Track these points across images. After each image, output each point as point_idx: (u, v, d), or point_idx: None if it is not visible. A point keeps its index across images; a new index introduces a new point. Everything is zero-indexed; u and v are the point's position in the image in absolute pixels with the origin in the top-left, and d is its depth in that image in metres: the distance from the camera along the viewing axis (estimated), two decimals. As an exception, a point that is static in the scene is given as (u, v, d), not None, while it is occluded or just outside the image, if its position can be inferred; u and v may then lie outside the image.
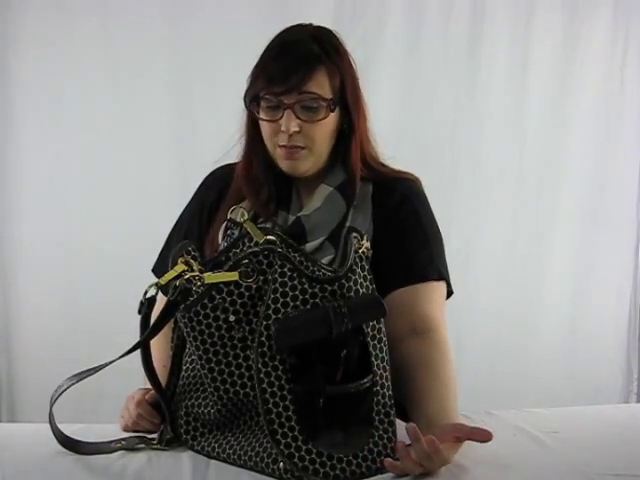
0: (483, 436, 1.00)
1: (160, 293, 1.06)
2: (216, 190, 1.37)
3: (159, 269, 1.38)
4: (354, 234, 1.09)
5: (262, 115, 1.25)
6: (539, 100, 2.49)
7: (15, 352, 2.33)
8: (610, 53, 2.51)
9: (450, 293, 1.32)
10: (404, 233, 1.28)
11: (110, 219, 2.30)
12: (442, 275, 1.28)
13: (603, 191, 2.55)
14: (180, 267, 1.03)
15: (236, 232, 1.20)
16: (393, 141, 2.32)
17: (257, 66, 1.26)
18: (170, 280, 1.03)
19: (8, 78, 2.27)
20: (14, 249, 2.31)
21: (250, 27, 2.17)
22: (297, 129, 1.22)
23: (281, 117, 1.22)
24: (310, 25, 1.30)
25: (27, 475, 1.01)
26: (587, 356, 2.54)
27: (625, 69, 2.52)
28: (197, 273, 1.02)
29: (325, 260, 1.18)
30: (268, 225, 1.25)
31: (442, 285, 1.28)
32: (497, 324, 2.46)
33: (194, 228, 1.37)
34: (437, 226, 1.34)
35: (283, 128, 1.22)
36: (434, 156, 2.41)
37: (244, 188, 1.31)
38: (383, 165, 1.36)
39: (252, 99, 1.25)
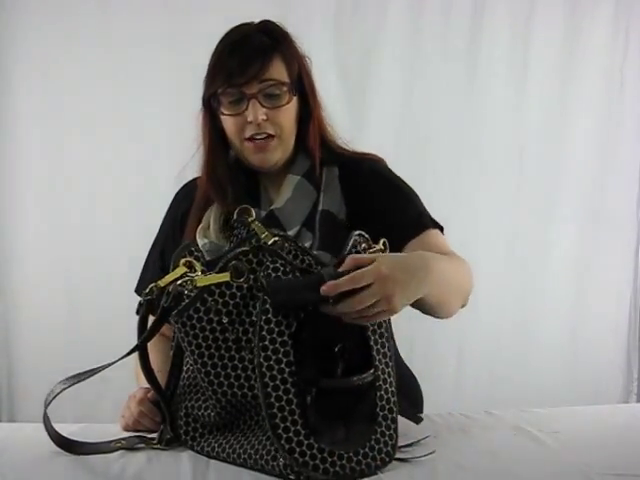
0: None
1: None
2: (187, 203, 1.39)
3: (141, 290, 1.37)
4: (357, 232, 1.06)
5: (224, 111, 1.27)
6: (539, 100, 2.49)
7: (15, 352, 2.33)
8: (611, 50, 2.51)
9: None
10: (383, 200, 1.30)
11: (110, 221, 2.30)
12: (437, 223, 1.31)
13: (603, 191, 2.55)
14: (181, 269, 1.02)
15: (244, 232, 1.19)
16: (393, 141, 2.33)
17: (213, 66, 1.28)
18: (168, 283, 1.02)
19: (8, 78, 2.27)
20: (14, 250, 2.31)
21: (250, 27, 2.17)
22: (264, 117, 1.24)
23: (245, 109, 1.24)
24: (253, 22, 1.34)
25: (27, 475, 1.00)
26: (587, 356, 2.54)
27: (626, 66, 2.52)
28: (198, 273, 1.01)
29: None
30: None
31: (438, 232, 1.31)
32: (497, 326, 2.46)
33: (170, 244, 1.37)
34: (413, 189, 1.35)
35: (250, 118, 1.24)
36: (434, 156, 2.41)
37: (210, 192, 1.32)
38: (345, 149, 1.38)
39: (212, 96, 1.27)
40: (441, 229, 1.32)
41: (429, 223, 1.30)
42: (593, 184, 2.54)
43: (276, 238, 1.03)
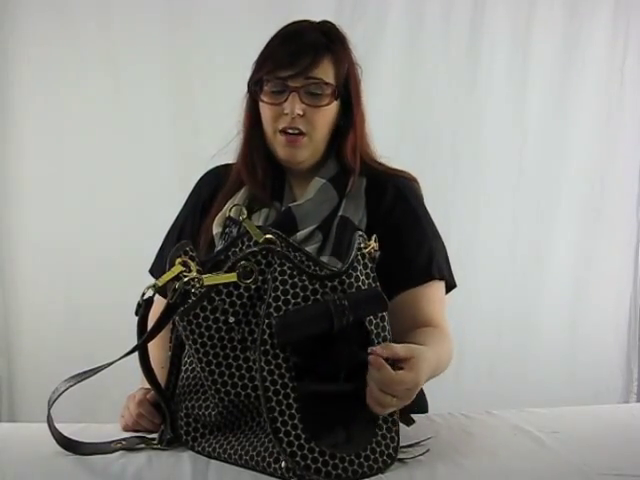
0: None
1: (157, 294, 1.06)
2: (211, 187, 1.40)
3: (156, 270, 1.39)
4: (359, 233, 1.10)
5: (264, 98, 1.27)
6: (539, 100, 2.49)
7: (15, 352, 2.33)
8: (611, 52, 2.51)
9: (453, 286, 1.33)
10: (401, 233, 1.29)
11: (110, 219, 2.30)
12: (443, 274, 1.29)
13: (603, 191, 2.55)
14: (177, 268, 1.02)
15: (234, 230, 1.19)
16: (393, 140, 2.33)
17: (263, 52, 1.29)
18: (168, 281, 1.03)
19: (8, 78, 2.26)
20: (14, 249, 2.31)
21: (250, 27, 2.17)
22: (301, 112, 1.25)
23: (285, 100, 1.25)
24: (312, 21, 1.33)
25: (27, 475, 1.00)
26: (587, 357, 2.54)
27: (625, 68, 2.52)
28: (195, 274, 1.02)
29: (312, 247, 1.20)
30: (262, 214, 1.28)
31: (442, 284, 1.30)
32: (497, 325, 2.46)
33: (188, 227, 1.39)
34: (433, 223, 1.35)
35: (287, 111, 1.24)
36: (434, 155, 2.41)
37: (242, 172, 1.33)
38: (379, 163, 1.37)
39: (256, 82, 1.27)
40: (446, 281, 1.31)
41: (434, 275, 1.28)
42: (593, 184, 2.54)
43: (267, 236, 1.03)
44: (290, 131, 1.27)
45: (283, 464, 0.96)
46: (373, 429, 1.01)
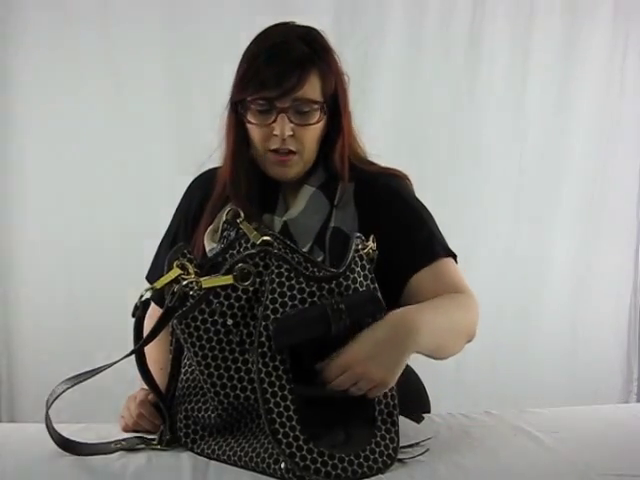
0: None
1: (154, 303, 1.06)
2: (201, 194, 1.37)
3: (153, 277, 1.37)
4: (356, 234, 1.10)
5: (251, 119, 1.24)
6: (539, 100, 2.49)
7: (15, 352, 2.33)
8: (610, 53, 2.51)
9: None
10: (398, 223, 1.27)
11: (110, 218, 2.30)
12: (449, 251, 1.28)
13: (603, 191, 2.55)
14: (175, 271, 1.02)
15: (232, 233, 1.19)
16: (393, 140, 2.33)
17: (247, 69, 1.23)
18: (166, 284, 1.02)
19: (8, 78, 2.27)
20: (14, 248, 2.31)
21: (250, 27, 2.16)
22: (291, 133, 1.21)
23: (274, 121, 1.21)
24: (293, 24, 1.29)
25: (27, 475, 1.00)
26: (587, 356, 2.55)
27: (625, 69, 2.53)
28: (193, 277, 1.02)
29: None
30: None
31: (450, 260, 1.28)
32: (497, 324, 2.46)
33: (180, 234, 1.37)
34: (426, 207, 1.33)
35: (277, 132, 1.21)
36: (434, 155, 2.41)
37: (229, 190, 1.30)
38: (371, 163, 1.35)
39: (241, 102, 1.24)
40: (454, 256, 1.29)
41: (440, 250, 1.27)
42: (593, 184, 2.55)
43: (265, 238, 1.03)
44: (280, 151, 1.23)
45: (283, 465, 0.96)
46: (372, 429, 1.01)
